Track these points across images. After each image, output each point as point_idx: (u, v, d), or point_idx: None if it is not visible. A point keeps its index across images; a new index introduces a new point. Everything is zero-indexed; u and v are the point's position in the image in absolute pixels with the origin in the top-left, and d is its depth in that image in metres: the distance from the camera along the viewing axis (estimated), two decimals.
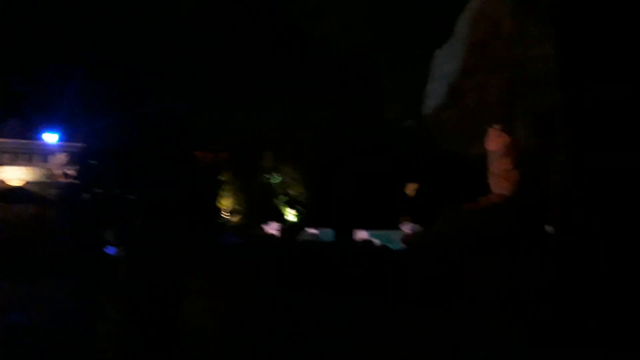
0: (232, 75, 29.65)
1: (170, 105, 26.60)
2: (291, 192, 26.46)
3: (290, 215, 25.71)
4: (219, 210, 24.32)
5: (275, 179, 26.83)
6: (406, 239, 15.28)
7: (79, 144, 25.00)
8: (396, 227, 21.68)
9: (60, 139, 26.85)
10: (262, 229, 22.17)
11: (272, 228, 22.38)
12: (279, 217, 24.68)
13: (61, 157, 26.03)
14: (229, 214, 24.58)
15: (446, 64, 29.82)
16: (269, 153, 26.97)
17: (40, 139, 27.25)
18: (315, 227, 22.12)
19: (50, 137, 27.35)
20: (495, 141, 14.52)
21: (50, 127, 27.38)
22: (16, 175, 25.80)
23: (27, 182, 25.71)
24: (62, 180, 24.63)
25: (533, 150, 20.97)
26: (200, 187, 23.50)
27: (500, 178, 14.09)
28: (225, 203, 24.81)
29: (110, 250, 14.11)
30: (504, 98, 26.90)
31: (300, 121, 27.78)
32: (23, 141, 27.01)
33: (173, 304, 10.47)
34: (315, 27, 31.02)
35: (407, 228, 20.21)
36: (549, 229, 15.68)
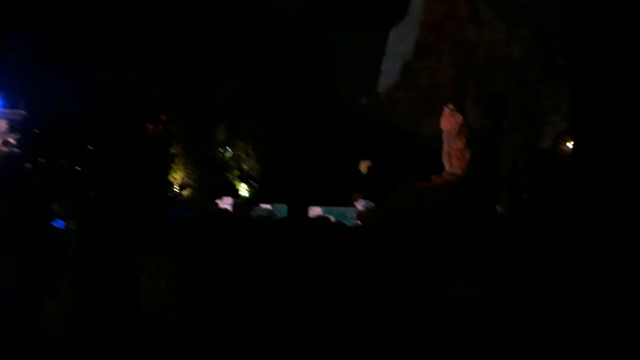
0: (184, 46, 28.89)
1: (119, 75, 25.72)
2: (244, 166, 26.24)
3: (244, 190, 25.55)
4: (170, 184, 23.89)
5: (228, 153, 26.50)
6: (361, 215, 15.47)
7: (22, 112, 23.87)
8: (349, 204, 21.87)
9: (1, 106, 25.57)
10: (215, 204, 21.92)
11: (225, 203, 22.17)
12: (232, 192, 24.47)
13: (1, 124, 24.82)
14: (180, 188, 24.18)
15: (400, 43, 30.08)
16: (222, 126, 26.58)
17: None
18: (269, 202, 22.06)
19: None
20: (448, 120, 14.79)
21: None
22: None
23: None
24: (3, 149, 23.53)
25: (484, 130, 21.56)
26: (150, 160, 22.96)
27: (453, 157, 14.40)
28: (177, 177, 24.38)
29: (59, 223, 13.65)
30: (456, 79, 27.45)
31: (254, 95, 27.45)
32: None
33: (125, 280, 10.27)
34: (269, 2, 30.55)
35: (360, 205, 20.42)
36: (499, 208, 16.20)
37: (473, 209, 14.11)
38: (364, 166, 26.21)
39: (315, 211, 20.43)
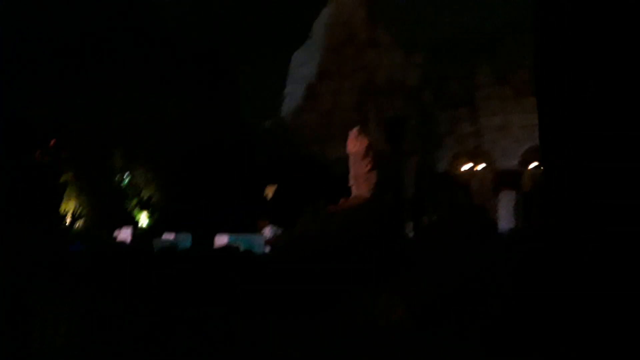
0: (76, 63, 27.15)
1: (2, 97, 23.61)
2: (143, 194, 24.96)
3: (143, 219, 24.25)
4: (62, 215, 22.11)
5: (125, 180, 25.11)
6: (270, 242, 15.11)
7: None
8: (256, 231, 21.42)
9: None
10: (111, 235, 20.55)
11: (124, 233, 20.86)
12: (131, 222, 23.13)
13: None
14: (73, 220, 22.46)
15: (303, 66, 30.33)
16: (118, 152, 25.17)
17: None
18: (171, 231, 21.06)
19: None
20: (355, 143, 14.92)
21: None
22: None
23: None
24: None
25: (386, 153, 22.03)
26: (39, 190, 21.12)
27: (360, 180, 14.49)
28: (69, 207, 22.64)
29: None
30: (357, 102, 28.04)
31: (154, 117, 26.31)
32: None
33: (20, 314, 9.21)
34: (170, 20, 29.63)
35: (268, 231, 20.03)
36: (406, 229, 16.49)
37: (381, 231, 14.24)
38: (269, 191, 25.88)
39: (221, 239, 19.77)
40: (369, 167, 14.69)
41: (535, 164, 27.61)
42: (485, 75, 27.20)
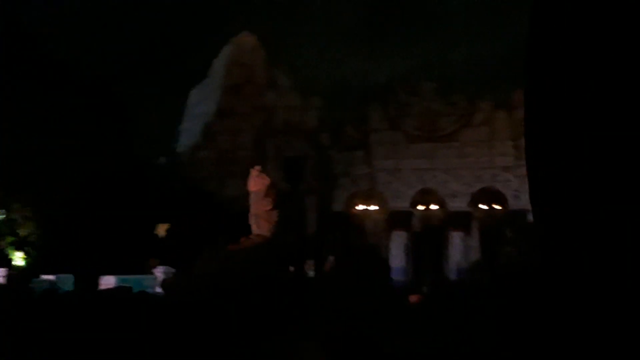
0: None
1: None
2: (20, 231, 22.88)
3: (19, 259, 22.14)
4: None
5: (1, 216, 22.94)
6: (166, 283, 14.34)
7: None
8: (146, 271, 20.33)
9: None
10: None
11: None
12: (6, 262, 21.04)
13: None
14: None
15: (201, 104, 29.93)
16: None
17: None
18: (52, 272, 19.42)
19: None
20: (256, 182, 14.76)
21: None
22: None
23: None
24: None
25: (285, 192, 22.05)
26: None
27: (260, 219, 14.28)
28: None
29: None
30: (256, 142, 28.03)
31: (36, 151, 24.46)
32: None
33: None
34: (61, 53, 28.14)
35: (159, 272, 19.08)
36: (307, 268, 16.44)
37: (283, 271, 14.06)
38: (162, 229, 24.82)
39: (107, 281, 18.52)
40: (269, 205, 14.54)
41: (422, 207, 28.97)
42: (378, 120, 28.38)
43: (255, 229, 14.52)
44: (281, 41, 42.61)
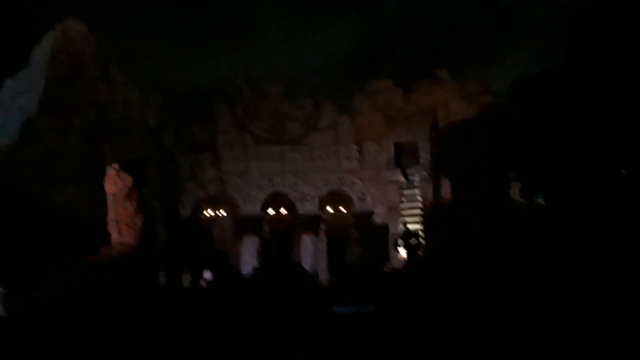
0: None
1: None
2: None
3: None
4: None
5: None
6: (10, 304, 11.71)
7: None
8: None
9: None
10: None
11: None
12: None
13: None
14: None
15: (19, 97, 25.90)
16: None
17: None
18: None
19: None
20: (115, 182, 12.93)
21: None
22: None
23: None
24: None
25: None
26: None
27: (122, 224, 12.51)
28: None
29: None
30: (89, 141, 25.02)
31: None
32: None
33: None
34: None
35: None
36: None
37: (155, 280, 12.46)
38: None
39: None
40: (133, 209, 12.82)
41: (272, 211, 28.53)
42: (225, 121, 27.30)
43: (116, 237, 12.69)
44: (113, 32, 39.25)
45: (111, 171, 13.18)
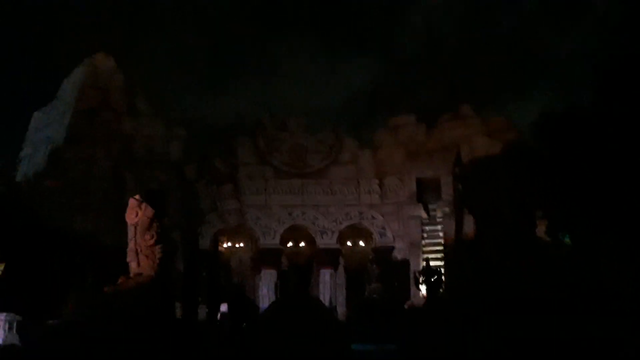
0: None
1: None
2: None
3: None
4: None
5: None
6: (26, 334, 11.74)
7: None
8: None
9: None
10: None
11: None
12: None
13: None
14: None
15: (46, 129, 26.52)
16: None
17: None
18: None
19: None
20: (136, 213, 12.98)
21: None
22: None
23: None
24: None
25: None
26: None
27: (142, 255, 12.51)
28: None
29: None
30: (113, 172, 25.37)
31: None
32: None
33: None
34: None
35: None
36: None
37: (172, 312, 12.39)
38: None
39: None
40: (152, 240, 12.84)
41: (291, 244, 28.42)
42: (247, 154, 27.51)
43: (134, 267, 12.68)
44: (139, 66, 40.24)
45: (133, 202, 13.25)
